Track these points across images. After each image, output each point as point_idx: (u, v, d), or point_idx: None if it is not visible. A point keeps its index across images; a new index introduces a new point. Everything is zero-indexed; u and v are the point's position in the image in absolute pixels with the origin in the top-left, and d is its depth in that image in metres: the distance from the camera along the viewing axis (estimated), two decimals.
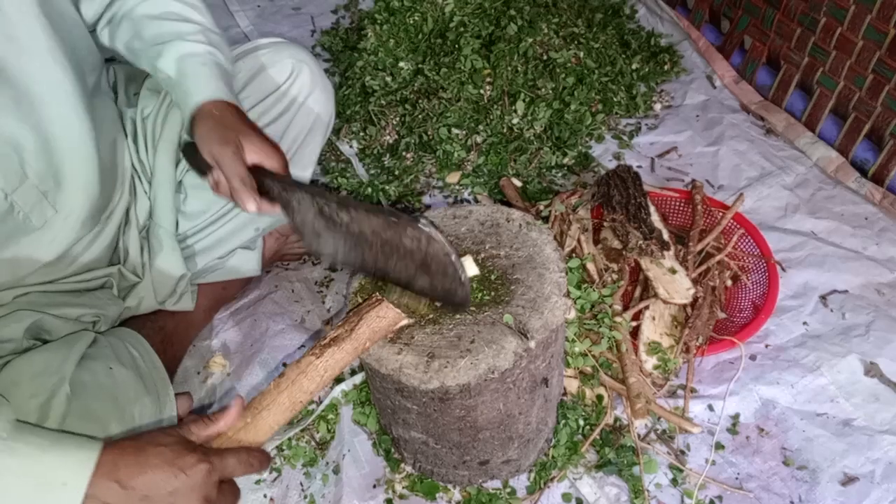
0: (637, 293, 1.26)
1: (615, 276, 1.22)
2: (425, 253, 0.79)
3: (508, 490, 1.09)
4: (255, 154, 0.89)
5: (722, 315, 1.25)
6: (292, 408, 0.82)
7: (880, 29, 1.42)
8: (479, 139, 1.67)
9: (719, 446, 1.12)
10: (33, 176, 0.87)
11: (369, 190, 1.61)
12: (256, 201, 0.89)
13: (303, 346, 1.33)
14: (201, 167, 0.92)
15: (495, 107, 1.69)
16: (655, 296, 1.19)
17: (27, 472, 0.69)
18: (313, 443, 1.19)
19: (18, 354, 0.86)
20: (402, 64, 1.80)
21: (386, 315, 0.88)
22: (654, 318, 1.20)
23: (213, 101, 0.92)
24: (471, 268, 0.97)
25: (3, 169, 0.83)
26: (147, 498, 0.69)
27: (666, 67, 1.89)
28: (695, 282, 1.22)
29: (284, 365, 1.28)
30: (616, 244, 1.29)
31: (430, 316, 0.94)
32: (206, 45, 0.97)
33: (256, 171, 0.89)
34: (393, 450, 1.13)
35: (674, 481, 1.08)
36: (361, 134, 1.76)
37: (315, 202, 0.84)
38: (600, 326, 1.14)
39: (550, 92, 1.70)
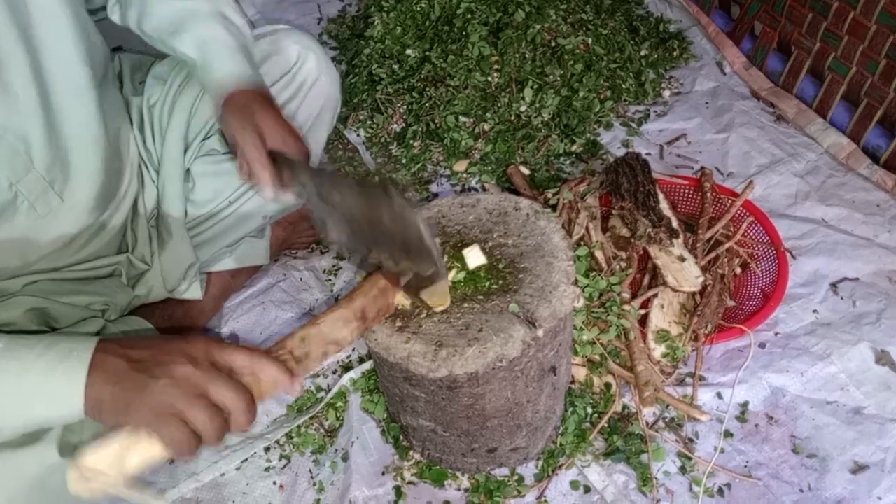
0: (645, 281, 1.26)
1: (623, 265, 1.22)
2: (393, 216, 0.77)
3: (516, 478, 1.09)
4: (274, 140, 0.90)
5: (731, 303, 1.24)
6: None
7: (894, 13, 1.40)
8: (486, 127, 1.66)
9: (728, 434, 1.12)
10: (40, 166, 0.87)
11: (376, 179, 1.61)
12: (273, 186, 0.90)
13: None
14: (234, 150, 0.95)
15: (503, 94, 1.68)
16: (664, 284, 1.19)
17: (30, 351, 0.70)
18: (322, 430, 1.19)
19: None
20: (409, 51, 1.79)
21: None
22: (662, 307, 1.20)
23: (238, 85, 0.93)
24: (478, 257, 0.97)
25: (10, 159, 0.83)
26: (141, 352, 0.71)
27: (675, 54, 1.87)
28: (704, 270, 1.22)
29: None
30: (624, 232, 1.28)
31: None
32: (224, 27, 0.97)
33: (276, 157, 0.90)
34: (401, 437, 1.14)
35: (682, 469, 1.08)
36: (369, 122, 1.76)
37: (314, 182, 0.84)
38: (608, 314, 1.14)
39: (558, 79, 1.69)
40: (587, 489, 1.07)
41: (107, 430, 0.84)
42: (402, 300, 0.93)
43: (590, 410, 1.13)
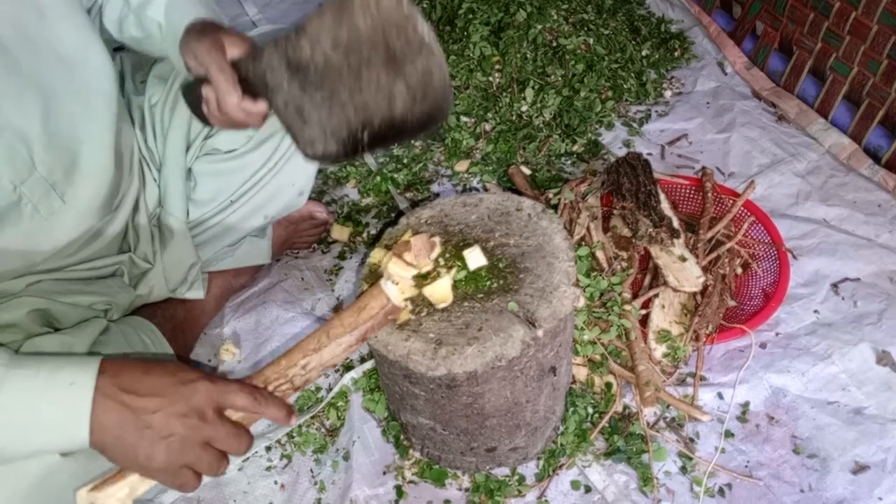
0: (646, 281, 1.26)
1: (624, 264, 1.22)
2: (382, 24, 0.70)
3: (517, 477, 1.09)
4: (235, 47, 0.86)
5: (732, 303, 1.24)
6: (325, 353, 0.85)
7: None
8: (487, 127, 1.67)
9: (729, 434, 1.12)
10: (42, 168, 0.87)
11: (378, 178, 1.61)
12: (238, 93, 0.84)
13: None
14: (195, 103, 0.91)
15: (504, 94, 1.68)
16: (665, 284, 1.19)
17: (33, 382, 0.71)
18: (323, 430, 1.19)
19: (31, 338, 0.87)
20: None
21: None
22: (663, 306, 1.20)
23: (197, 21, 0.90)
24: (479, 258, 0.97)
25: (12, 161, 0.83)
26: (145, 401, 0.71)
27: (676, 54, 1.87)
28: (705, 270, 1.22)
29: None
30: (626, 232, 1.28)
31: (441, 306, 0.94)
32: None
33: (238, 65, 0.85)
34: (402, 436, 1.14)
35: (683, 469, 1.08)
36: None
37: (278, 49, 0.80)
38: (609, 314, 1.14)
39: (560, 79, 1.69)
40: (588, 489, 1.07)
41: None
42: (406, 316, 0.93)
43: (591, 410, 1.13)
